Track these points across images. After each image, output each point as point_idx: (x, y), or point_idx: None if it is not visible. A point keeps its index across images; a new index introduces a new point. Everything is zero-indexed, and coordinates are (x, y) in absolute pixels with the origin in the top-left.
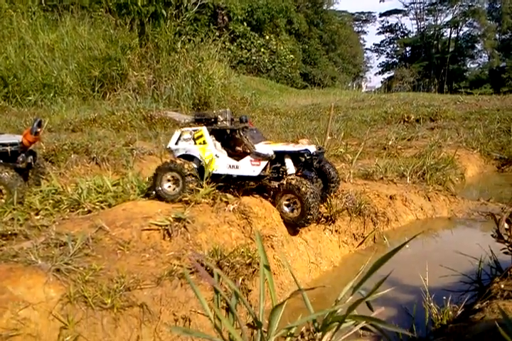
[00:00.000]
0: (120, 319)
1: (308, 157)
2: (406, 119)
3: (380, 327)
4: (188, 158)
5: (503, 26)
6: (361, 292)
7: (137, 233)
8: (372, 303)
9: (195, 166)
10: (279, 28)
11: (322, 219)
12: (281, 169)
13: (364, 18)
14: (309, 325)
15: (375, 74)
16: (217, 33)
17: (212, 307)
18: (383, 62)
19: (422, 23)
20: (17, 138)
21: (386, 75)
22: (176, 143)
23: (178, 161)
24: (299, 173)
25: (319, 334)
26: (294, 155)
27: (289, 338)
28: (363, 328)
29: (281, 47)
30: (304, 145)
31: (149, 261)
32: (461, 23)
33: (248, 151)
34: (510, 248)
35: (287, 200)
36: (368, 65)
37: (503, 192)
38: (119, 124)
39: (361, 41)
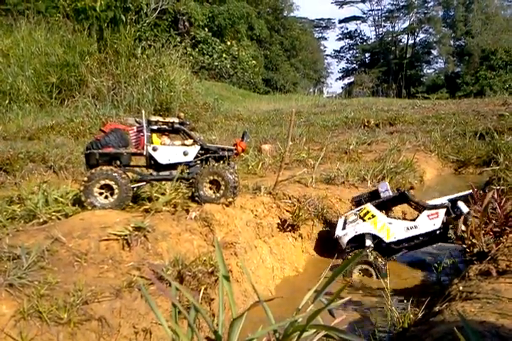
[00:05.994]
0: (77, 334)
1: None
2: (366, 124)
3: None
4: (358, 239)
5: (457, 33)
6: (322, 299)
7: (95, 244)
8: (335, 309)
9: (371, 242)
10: (241, 33)
11: (287, 227)
12: (455, 213)
13: (324, 25)
14: (270, 335)
15: (336, 80)
16: (178, 39)
17: (172, 320)
18: (343, 67)
19: (380, 29)
20: None
21: (346, 81)
22: (343, 229)
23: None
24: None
25: None
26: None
27: None
28: (326, 335)
29: (243, 53)
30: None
31: (108, 272)
32: (417, 30)
33: (421, 208)
34: (467, 249)
35: None
36: (329, 70)
37: None
38: (78, 131)
39: (321, 47)
